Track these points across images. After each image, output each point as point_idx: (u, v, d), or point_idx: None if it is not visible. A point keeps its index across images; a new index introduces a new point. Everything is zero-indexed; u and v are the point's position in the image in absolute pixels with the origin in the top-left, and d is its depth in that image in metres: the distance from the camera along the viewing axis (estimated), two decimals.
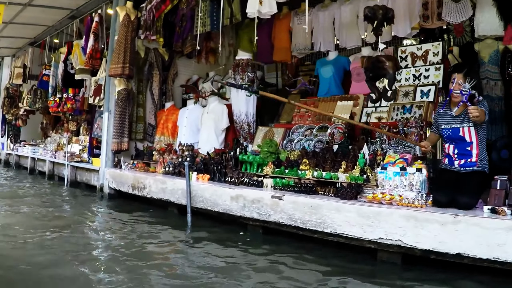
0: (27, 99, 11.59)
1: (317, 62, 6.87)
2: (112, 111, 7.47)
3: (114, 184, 7.09)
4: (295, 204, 4.41)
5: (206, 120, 6.83)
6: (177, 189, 5.67)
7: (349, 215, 3.97)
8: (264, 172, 5.34)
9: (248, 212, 4.82)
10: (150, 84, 8.05)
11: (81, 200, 7.14)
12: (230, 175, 5.30)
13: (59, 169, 9.91)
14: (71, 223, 5.23)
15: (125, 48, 7.24)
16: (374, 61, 4.31)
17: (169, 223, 5.38)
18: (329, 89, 6.46)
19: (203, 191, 5.33)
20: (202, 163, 5.79)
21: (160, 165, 6.62)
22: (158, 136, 7.71)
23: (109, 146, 7.47)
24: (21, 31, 10.92)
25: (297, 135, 6.06)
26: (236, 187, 5.10)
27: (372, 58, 4.39)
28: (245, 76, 6.62)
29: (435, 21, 5.82)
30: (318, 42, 7.09)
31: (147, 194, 6.23)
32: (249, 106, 6.60)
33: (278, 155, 5.64)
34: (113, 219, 5.62)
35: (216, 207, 5.17)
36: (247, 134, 6.60)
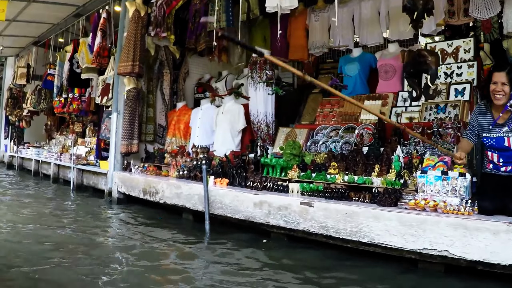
0: (31, 99, 11.21)
1: (341, 59, 6.48)
2: (121, 112, 7.08)
3: (123, 189, 6.70)
4: (327, 212, 4.04)
5: (222, 121, 6.43)
6: (193, 195, 5.27)
7: (389, 224, 3.63)
8: (288, 176, 4.94)
9: (274, 220, 4.43)
10: (161, 83, 7.67)
11: (89, 206, 6.74)
12: (252, 180, 4.90)
13: (64, 172, 9.53)
14: (80, 231, 4.83)
15: (134, 45, 6.86)
16: (416, 56, 3.91)
17: (185, 231, 5.00)
18: (354, 88, 6.06)
19: (222, 196, 4.93)
20: (220, 166, 5.38)
21: (173, 168, 6.22)
22: (169, 138, 7.31)
23: (117, 148, 7.08)
24: (24, 29, 10.56)
25: (322, 136, 5.66)
26: (259, 192, 4.70)
27: (413, 52, 4.00)
28: (263, 74, 6.22)
29: (461, 17, 5.58)
30: (337, 39, 6.81)
31: (159, 200, 5.83)
32: (268, 106, 6.20)
33: (303, 157, 5.23)
34: (125, 226, 5.23)
35: (237, 214, 4.77)
36: (266, 136, 6.19)
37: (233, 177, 5.22)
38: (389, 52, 6.10)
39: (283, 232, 4.47)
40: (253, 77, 6.36)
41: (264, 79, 6.18)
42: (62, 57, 9.82)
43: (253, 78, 6.36)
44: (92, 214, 5.99)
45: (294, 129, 5.89)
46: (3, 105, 13.86)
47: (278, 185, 4.72)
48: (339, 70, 6.45)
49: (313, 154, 5.27)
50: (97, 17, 8.03)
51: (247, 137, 6.56)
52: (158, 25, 7.19)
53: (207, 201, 4.89)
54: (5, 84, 13.98)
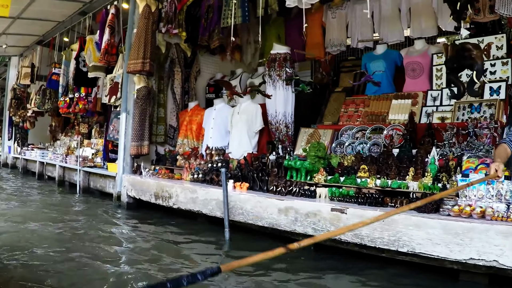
0: (36, 99, 10.88)
1: (364, 56, 6.15)
2: (131, 112, 6.75)
3: (133, 192, 6.36)
4: (362, 219, 3.67)
5: (238, 121, 6.09)
6: (211, 200, 4.93)
7: (432, 232, 3.31)
8: (315, 180, 4.59)
9: (301, 227, 4.09)
10: (171, 82, 7.34)
11: (97, 210, 6.40)
12: (275, 184, 4.55)
13: (70, 174, 9.20)
14: (89, 238, 4.50)
15: (145, 42, 6.53)
16: (459, 49, 3.57)
17: (201, 238, 4.68)
18: (380, 86, 5.71)
19: (243, 202, 4.59)
20: (239, 169, 5.04)
21: (186, 171, 5.88)
22: (181, 139, 6.98)
23: (127, 150, 6.74)
24: (29, 27, 10.25)
25: (347, 137, 5.32)
26: (284, 197, 4.36)
27: (456, 46, 3.64)
28: (283, 72, 5.88)
29: (487, 14, 5.27)
30: (355, 37, 6.54)
31: (173, 205, 5.49)
32: (287, 106, 5.86)
33: (329, 160, 4.89)
34: (136, 233, 4.89)
35: (260, 220, 4.43)
36: (285, 137, 5.85)
37: (253, 181, 4.88)
38: (415, 49, 5.76)
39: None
40: (271, 75, 6.02)
41: (284, 77, 5.85)
42: (68, 56, 9.51)
43: (271, 77, 6.02)
44: (101, 220, 5.65)
45: (317, 130, 5.54)
46: (6, 106, 13.54)
47: (304, 190, 4.38)
48: (362, 67, 6.11)
49: (340, 156, 4.94)
50: (105, 13, 7.71)
51: (264, 138, 6.23)
52: (169, 21, 6.88)
53: (226, 207, 4.55)
54: (8, 85, 13.67)
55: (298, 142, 5.57)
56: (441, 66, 5.42)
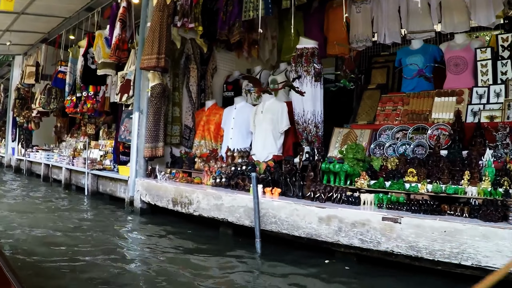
0: (40, 99, 10.43)
1: (399, 52, 5.71)
2: (145, 111, 6.29)
3: (148, 198, 5.90)
4: (419, 229, 3.29)
5: (261, 121, 5.63)
6: (238, 207, 4.47)
7: (503, 244, 2.96)
8: (356, 185, 4.14)
9: (346, 239, 3.64)
10: (187, 79, 6.88)
11: (108, 216, 5.96)
12: (313, 189, 4.09)
13: (77, 177, 8.75)
14: (102, 252, 4.03)
15: (160, 36, 6.08)
16: None
17: (227, 250, 4.21)
18: (418, 83, 5.28)
19: (277, 209, 4.13)
20: (269, 173, 4.58)
21: (207, 175, 5.42)
22: (198, 140, 6.52)
23: (140, 152, 6.28)
24: (33, 24, 9.81)
25: (386, 138, 4.86)
26: (324, 205, 3.90)
27: None
28: (311, 68, 5.42)
29: None
30: (382, 32, 6.14)
31: (193, 212, 5.04)
32: (316, 104, 5.40)
33: (369, 163, 4.44)
34: (154, 243, 4.43)
35: (296, 230, 3.97)
36: (314, 137, 5.39)
37: (285, 186, 4.42)
38: (456, 43, 5.33)
39: (352, 252, 3.74)
40: (298, 71, 5.57)
41: (312, 73, 5.40)
42: (75, 53, 9.06)
43: (297, 73, 5.57)
44: (112, 228, 5.20)
45: (353, 130, 5.08)
46: (10, 106, 13.10)
47: (347, 196, 3.92)
48: (396, 63, 5.67)
49: (381, 158, 4.48)
50: (115, 6, 7.25)
51: (290, 139, 5.77)
52: (185, 14, 6.42)
53: (258, 215, 4.09)
54: (12, 85, 13.23)
55: (331, 143, 5.11)
56: (486, 61, 4.98)
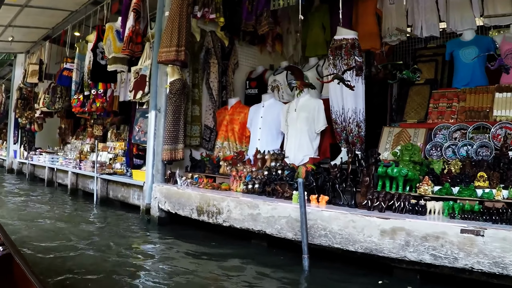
0: (44, 99, 9.82)
1: (449, 43, 5.14)
2: (163, 109, 5.70)
3: (167, 206, 5.30)
4: (506, 243, 2.74)
5: (295, 120, 5.04)
6: (279, 217, 3.87)
7: None
8: (420, 191, 3.56)
9: (414, 254, 3.08)
10: (207, 75, 6.29)
11: (121, 227, 5.35)
12: (370, 197, 3.50)
13: (84, 182, 8.15)
14: (115, 273, 3.44)
15: (179, 27, 5.49)
16: None
17: (268, 267, 3.63)
18: (472, 78, 4.70)
19: (327, 221, 3.53)
20: (313, 178, 3.98)
21: (236, 180, 4.83)
22: (220, 142, 5.93)
23: (157, 154, 5.69)
24: (37, 18, 9.20)
25: (442, 138, 4.27)
26: (386, 215, 3.31)
27: None
28: (352, 61, 4.85)
29: None
30: (419, 25, 5.64)
31: (223, 222, 4.44)
32: (358, 100, 4.82)
33: (428, 166, 3.86)
34: (179, 258, 3.83)
35: (352, 245, 3.39)
36: (356, 138, 4.80)
37: (333, 193, 3.82)
38: None
39: (416, 269, 3.20)
40: (336, 64, 4.99)
41: (354, 67, 4.81)
42: (82, 49, 8.46)
43: (336, 66, 4.99)
44: (126, 241, 4.60)
45: (406, 130, 4.48)
46: (12, 107, 12.50)
47: (412, 205, 3.34)
48: (447, 56, 5.08)
49: (442, 161, 3.90)
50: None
51: (326, 140, 5.18)
52: (205, 4, 5.88)
53: (305, 227, 3.50)
54: (14, 84, 12.62)
55: (381, 144, 4.52)
56: None
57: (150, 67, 6.15)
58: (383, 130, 4.65)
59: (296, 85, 4.69)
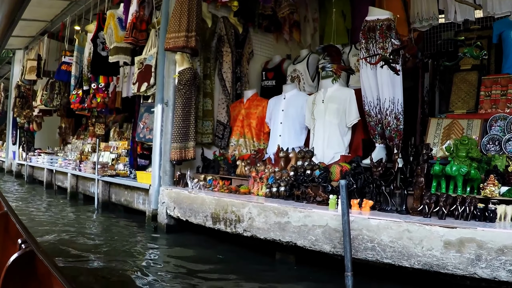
0: (42, 95, 9.21)
1: (497, 24, 4.54)
2: (171, 102, 5.08)
3: (177, 212, 4.67)
4: None
5: (323, 113, 4.41)
6: (313, 226, 3.23)
7: None
8: (485, 193, 2.92)
9: (487, 271, 2.49)
10: (219, 65, 5.66)
11: (125, 235, 4.75)
12: (427, 201, 2.85)
13: (84, 185, 7.53)
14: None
15: (189, 10, 4.88)
16: None
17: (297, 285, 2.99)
18: None
19: (375, 231, 2.90)
20: (352, 179, 3.33)
21: (258, 183, 4.19)
22: (235, 139, 5.30)
23: (165, 154, 5.06)
24: (34, 9, 8.49)
25: (499, 130, 3.63)
26: (448, 222, 2.68)
27: None
28: (388, 45, 4.20)
29: None
30: (452, 9, 5.19)
31: (243, 231, 3.80)
32: (396, 90, 4.17)
33: (489, 163, 3.22)
34: (191, 275, 3.19)
35: (407, 260, 2.76)
36: (395, 132, 4.15)
37: (379, 196, 3.19)
38: None
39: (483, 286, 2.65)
40: (369, 49, 4.34)
41: (390, 51, 4.17)
42: (82, 41, 7.85)
43: (369, 51, 4.34)
44: (131, 254, 3.97)
45: (458, 121, 3.82)
46: (10, 106, 11.91)
47: (481, 210, 2.70)
48: (494, 39, 4.43)
49: (505, 157, 3.25)
50: None
51: (358, 135, 4.54)
52: None
53: (348, 239, 2.86)
54: (12, 82, 12.04)
55: (428, 138, 3.86)
56: None
57: (156, 56, 5.52)
58: (429, 122, 3.99)
59: (332, 69, 4.03)
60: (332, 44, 4.36)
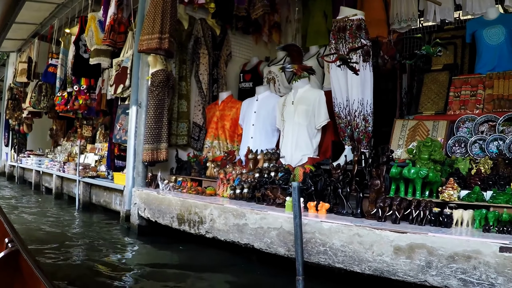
0: (31, 98, 9.25)
1: (470, 23, 4.49)
2: (144, 104, 5.07)
3: (147, 213, 4.65)
4: None
5: (293, 114, 4.37)
6: (269, 229, 3.20)
7: None
8: (443, 197, 2.86)
9: (438, 278, 2.41)
10: (196, 67, 5.65)
11: (99, 235, 4.73)
12: (381, 204, 2.81)
13: (69, 186, 7.54)
14: None
15: (163, 11, 4.87)
16: None
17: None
18: (498, 61, 4.01)
19: (327, 234, 2.85)
20: (311, 181, 3.30)
21: (223, 184, 4.16)
22: (210, 141, 5.27)
23: (138, 155, 5.05)
24: (22, 12, 8.58)
25: (467, 131, 3.58)
26: (401, 227, 2.63)
27: None
28: (357, 45, 4.15)
29: None
30: (431, 9, 5.12)
31: (205, 233, 3.77)
32: (365, 91, 4.11)
33: (451, 165, 3.17)
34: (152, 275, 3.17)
35: (358, 265, 2.71)
36: (363, 134, 4.10)
37: (335, 199, 3.14)
38: None
39: None
40: (339, 49, 4.29)
41: (360, 52, 4.13)
42: (67, 43, 7.88)
43: (338, 51, 4.30)
44: (100, 251, 3.96)
45: (423, 123, 3.77)
46: (3, 108, 11.98)
47: (435, 214, 2.65)
48: (468, 38, 4.38)
49: (468, 159, 3.20)
50: None
51: (327, 137, 4.50)
52: None
53: (300, 243, 2.81)
54: (6, 84, 12.12)
55: (393, 140, 3.82)
56: None
57: (132, 58, 5.52)
58: (395, 124, 3.95)
59: (292, 69, 4.00)
60: (293, 43, 4.35)
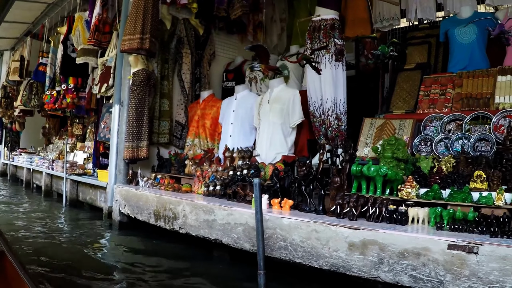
0: (22, 96, 9.34)
1: (444, 22, 4.55)
2: (125, 103, 5.15)
3: (127, 209, 4.74)
4: (507, 263, 2.11)
5: (268, 113, 4.46)
6: (235, 224, 3.29)
7: None
8: (401, 195, 2.95)
9: (390, 275, 2.48)
10: (179, 66, 5.73)
11: (82, 232, 4.84)
12: (339, 201, 2.89)
13: (58, 183, 7.63)
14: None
15: (144, 12, 4.96)
16: None
17: (220, 283, 3.03)
18: (470, 60, 4.08)
19: (287, 230, 2.94)
20: (276, 179, 3.38)
21: (199, 181, 4.25)
22: (191, 139, 5.35)
23: (120, 153, 5.14)
24: (13, 11, 8.64)
25: (434, 130, 3.67)
26: (357, 224, 2.71)
27: None
28: (331, 45, 4.24)
29: None
30: (413, 8, 5.13)
31: (179, 228, 3.86)
32: (338, 90, 4.22)
33: (414, 163, 3.26)
34: (129, 273, 3.26)
35: (316, 260, 2.79)
36: (336, 132, 4.19)
37: (300, 196, 3.23)
38: None
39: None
40: (313, 48, 4.39)
41: (333, 51, 4.22)
42: (57, 42, 7.96)
43: (313, 52, 4.39)
44: (81, 248, 4.05)
45: (390, 121, 3.86)
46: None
47: (390, 212, 2.73)
48: (441, 37, 4.46)
49: (431, 158, 3.28)
50: None
51: (303, 136, 4.59)
52: None
53: (261, 238, 2.90)
54: (0, 82, 12.21)
55: (360, 139, 3.91)
56: None
57: (115, 57, 5.61)
58: (363, 122, 4.03)
59: (259, 69, 4.09)
60: (260, 44, 4.42)
